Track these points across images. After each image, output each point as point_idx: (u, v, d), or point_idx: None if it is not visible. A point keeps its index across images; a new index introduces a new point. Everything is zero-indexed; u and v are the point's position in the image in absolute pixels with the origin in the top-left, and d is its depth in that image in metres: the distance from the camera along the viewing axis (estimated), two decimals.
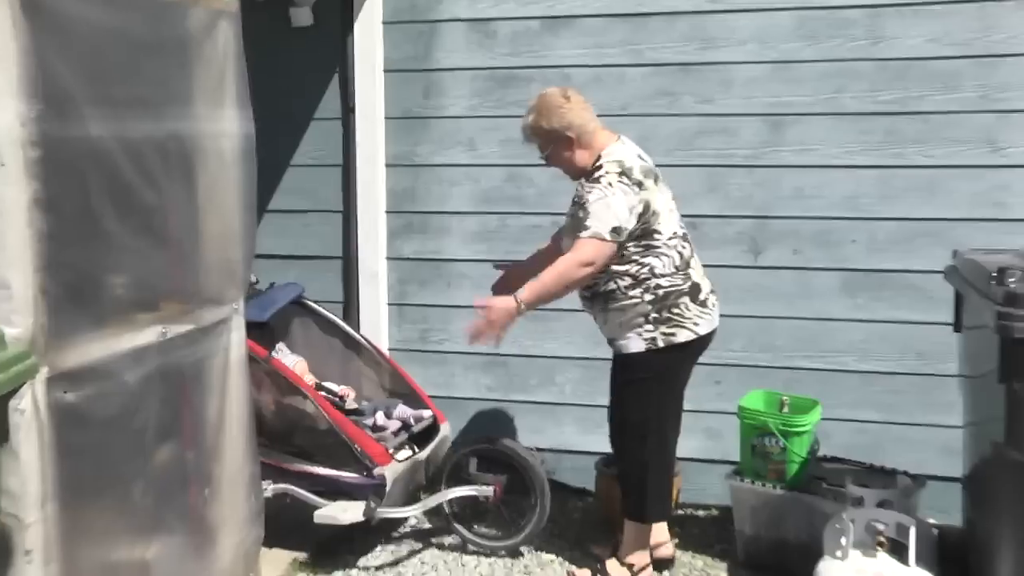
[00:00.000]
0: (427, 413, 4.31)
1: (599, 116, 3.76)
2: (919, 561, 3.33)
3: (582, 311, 3.85)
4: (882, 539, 3.40)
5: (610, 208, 3.54)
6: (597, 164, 3.65)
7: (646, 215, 3.60)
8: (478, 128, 4.72)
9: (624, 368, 3.76)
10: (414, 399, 4.38)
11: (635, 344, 3.68)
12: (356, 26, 4.77)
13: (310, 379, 4.30)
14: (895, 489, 3.78)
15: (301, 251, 4.96)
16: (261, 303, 4.19)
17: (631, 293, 3.65)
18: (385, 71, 4.79)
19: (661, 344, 3.65)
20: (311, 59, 4.84)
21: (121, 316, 2.91)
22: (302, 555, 4.11)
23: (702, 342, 3.74)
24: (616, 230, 3.54)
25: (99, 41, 2.74)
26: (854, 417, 4.42)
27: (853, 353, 4.49)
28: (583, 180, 3.66)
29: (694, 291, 3.70)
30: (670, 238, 3.67)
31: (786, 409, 4.06)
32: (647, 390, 3.72)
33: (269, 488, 3.92)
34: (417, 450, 4.16)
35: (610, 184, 3.56)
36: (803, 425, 3.91)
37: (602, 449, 4.25)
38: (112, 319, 2.87)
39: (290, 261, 4.90)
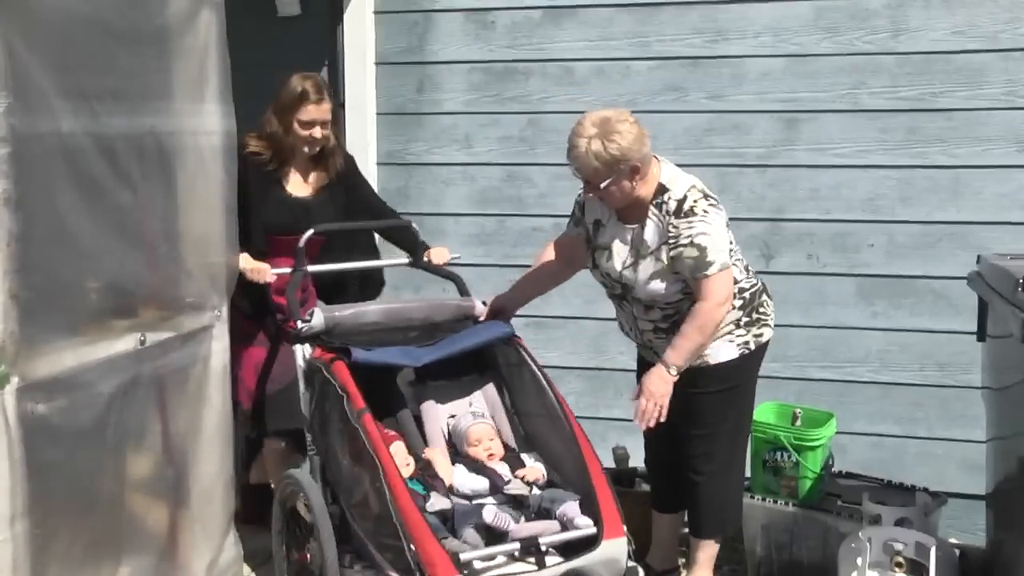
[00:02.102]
0: (585, 522, 3.06)
1: None
2: None
3: (584, 318, 3.84)
4: (900, 560, 3.43)
5: (720, 235, 3.41)
6: (668, 194, 3.44)
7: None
8: (475, 125, 4.73)
9: (709, 379, 3.54)
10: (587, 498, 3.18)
11: (725, 352, 3.55)
12: (346, 16, 4.79)
13: (443, 466, 3.38)
14: (914, 507, 3.78)
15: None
16: (436, 347, 3.51)
17: None
18: (376, 64, 4.81)
19: (753, 347, 3.60)
20: (299, 51, 4.83)
21: (96, 322, 2.91)
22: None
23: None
24: (731, 252, 3.47)
25: (71, 31, 2.73)
26: (871, 431, 4.44)
27: (870, 363, 4.50)
28: (670, 213, 3.42)
29: (764, 287, 3.69)
30: (733, 242, 3.59)
31: (799, 422, 4.06)
32: (741, 396, 3.66)
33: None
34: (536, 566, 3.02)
35: (705, 212, 3.40)
36: (817, 439, 3.91)
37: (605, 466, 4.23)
38: (87, 326, 2.86)
39: None
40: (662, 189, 3.45)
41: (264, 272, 3.79)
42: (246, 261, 3.76)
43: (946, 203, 4.38)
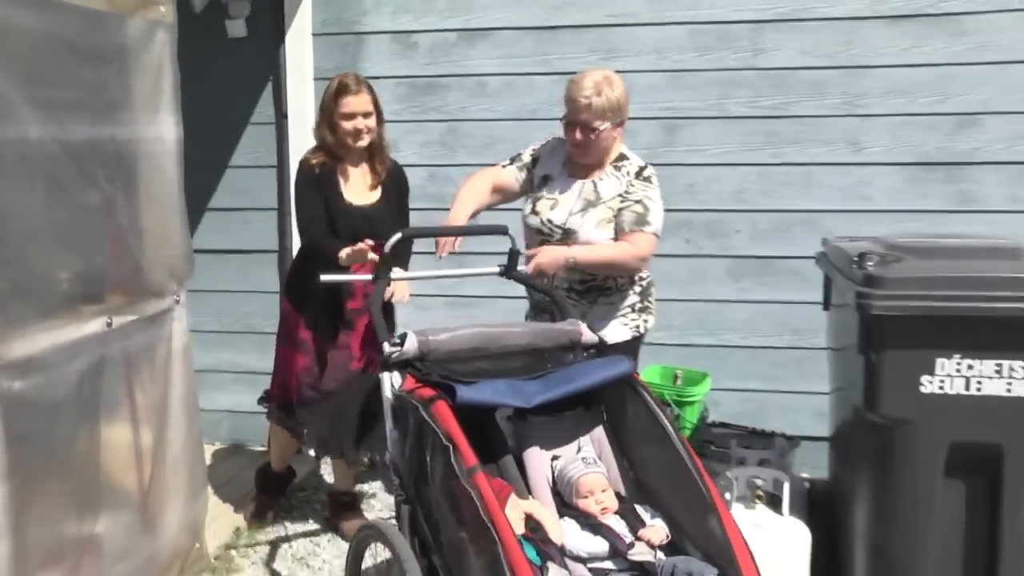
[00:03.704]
0: None
1: (512, 120, 3.75)
2: (792, 511, 3.45)
3: (503, 298, 3.80)
4: (760, 493, 3.51)
5: (660, 208, 3.39)
6: (628, 162, 3.43)
7: None
8: (401, 131, 4.68)
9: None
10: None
11: (620, 333, 3.44)
12: (287, 37, 4.70)
13: (553, 524, 2.53)
14: (773, 449, 3.85)
15: (240, 246, 4.87)
16: (546, 383, 2.65)
17: (623, 286, 3.46)
18: (315, 79, 4.72)
19: (641, 331, 3.51)
20: (246, 68, 4.75)
21: (67, 308, 2.82)
22: (243, 524, 4.04)
23: None
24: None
25: (39, 49, 2.64)
26: (740, 387, 4.50)
27: (739, 331, 4.56)
28: (630, 174, 3.39)
29: (653, 282, 3.60)
30: None
31: (679, 382, 4.09)
32: None
33: None
34: None
35: (656, 185, 3.40)
36: (694, 396, 3.94)
37: None
38: (58, 311, 2.78)
39: (230, 255, 4.82)
40: (623, 156, 3.44)
41: (363, 251, 3.46)
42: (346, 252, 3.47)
43: (799, 195, 4.44)
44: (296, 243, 4.56)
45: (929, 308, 2.90)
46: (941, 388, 2.93)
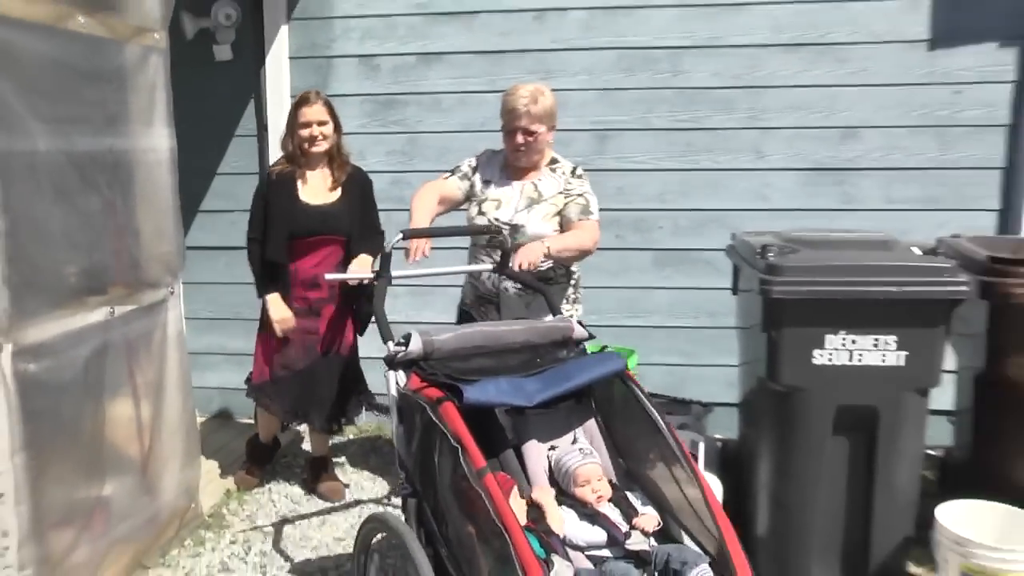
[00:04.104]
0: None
1: (464, 132, 3.75)
2: (707, 467, 3.47)
3: (454, 287, 3.80)
4: None
5: (596, 200, 3.37)
6: (560, 164, 3.41)
7: None
8: (367, 142, 4.65)
9: None
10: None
11: None
12: (267, 60, 4.64)
13: (554, 514, 2.39)
14: (691, 415, 3.86)
15: (227, 243, 4.78)
16: (545, 380, 2.47)
17: (561, 278, 3.38)
18: (291, 96, 4.63)
19: (576, 319, 3.34)
20: (231, 87, 4.69)
21: (74, 299, 2.82)
22: (233, 487, 4.02)
23: None
24: None
25: (44, 70, 2.63)
26: (663, 362, 4.50)
27: (662, 313, 4.56)
28: (566, 173, 3.38)
29: (580, 275, 3.53)
30: None
31: None
32: None
33: None
34: None
35: (588, 181, 3.40)
36: None
37: None
38: (66, 302, 2.78)
39: (219, 251, 4.77)
40: (555, 160, 3.42)
41: (287, 321, 3.67)
42: (275, 310, 3.66)
43: (711, 196, 4.46)
44: None
45: (819, 292, 2.92)
46: (829, 360, 2.96)
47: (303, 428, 4.39)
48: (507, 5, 4.49)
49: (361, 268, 3.58)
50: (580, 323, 2.77)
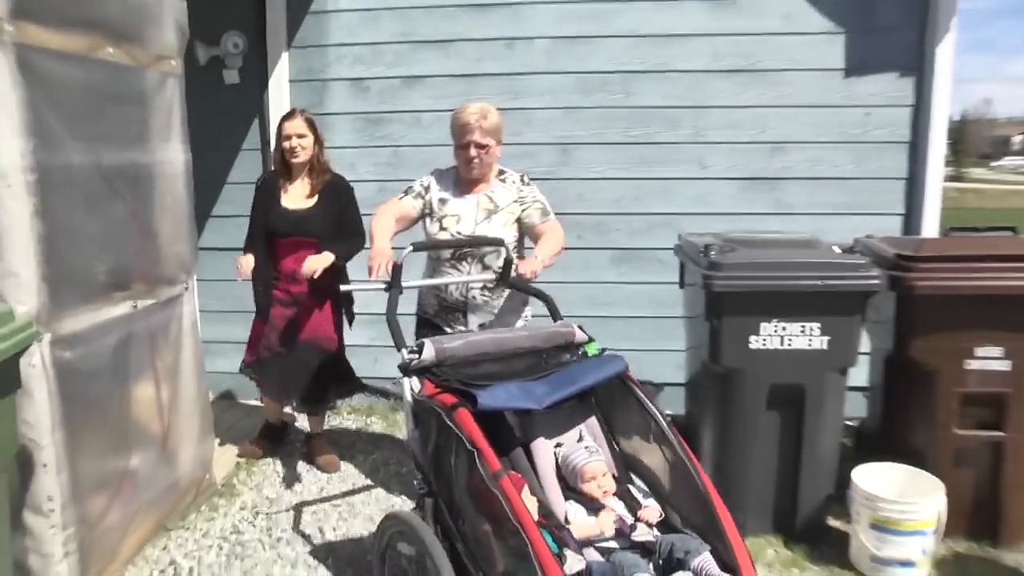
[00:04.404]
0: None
1: (442, 145, 3.73)
2: None
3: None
4: None
5: (547, 200, 3.24)
6: (507, 174, 3.28)
7: None
8: (357, 155, 4.67)
9: None
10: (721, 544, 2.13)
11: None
12: (270, 84, 4.66)
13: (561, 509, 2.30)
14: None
15: (235, 244, 4.60)
16: (552, 383, 2.34)
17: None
18: None
19: (527, 321, 3.29)
20: (239, 107, 4.69)
21: (102, 294, 2.85)
22: (243, 459, 4.06)
23: None
24: None
25: (77, 93, 2.66)
26: (619, 348, 4.20)
27: (619, 306, 4.58)
28: (516, 182, 3.25)
29: None
30: None
31: None
32: None
33: None
34: None
35: (535, 186, 3.29)
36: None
37: None
38: (96, 297, 2.81)
39: (228, 252, 4.70)
40: (502, 171, 3.28)
41: (244, 265, 3.73)
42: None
43: (662, 202, 4.49)
44: None
45: (754, 286, 2.96)
46: (764, 344, 3.00)
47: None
48: (481, 35, 4.52)
49: (316, 263, 3.54)
50: (580, 327, 2.65)
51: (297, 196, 3.79)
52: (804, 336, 3.00)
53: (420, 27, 4.58)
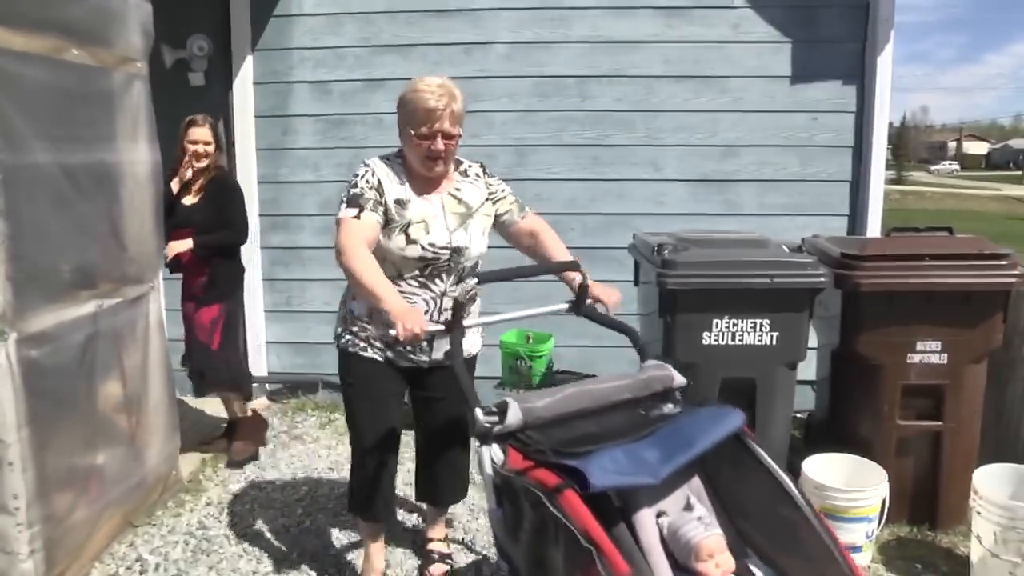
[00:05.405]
0: None
1: None
2: None
3: None
4: None
5: None
6: (464, 166, 2.70)
7: None
8: (320, 156, 4.66)
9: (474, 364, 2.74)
10: None
11: (477, 342, 2.79)
12: (235, 86, 4.62)
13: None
14: None
15: None
16: (663, 446, 1.86)
17: (475, 296, 2.75)
18: (255, 116, 4.65)
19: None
20: (204, 109, 4.47)
21: (69, 293, 2.83)
22: (208, 456, 4.03)
23: None
24: None
25: (42, 94, 2.64)
26: (576, 344, 4.43)
27: None
28: (481, 175, 2.70)
29: None
30: None
31: (531, 341, 4.04)
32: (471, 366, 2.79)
33: None
34: None
35: None
36: (542, 352, 3.94)
37: None
38: (62, 295, 2.79)
39: None
40: (458, 163, 2.65)
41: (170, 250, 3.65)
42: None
43: (616, 202, 4.51)
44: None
45: (706, 283, 2.99)
46: (716, 340, 3.02)
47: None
48: (440, 39, 4.54)
49: (174, 247, 3.64)
50: (675, 369, 2.17)
51: (191, 193, 3.85)
52: (755, 332, 3.04)
53: (382, 32, 4.58)
